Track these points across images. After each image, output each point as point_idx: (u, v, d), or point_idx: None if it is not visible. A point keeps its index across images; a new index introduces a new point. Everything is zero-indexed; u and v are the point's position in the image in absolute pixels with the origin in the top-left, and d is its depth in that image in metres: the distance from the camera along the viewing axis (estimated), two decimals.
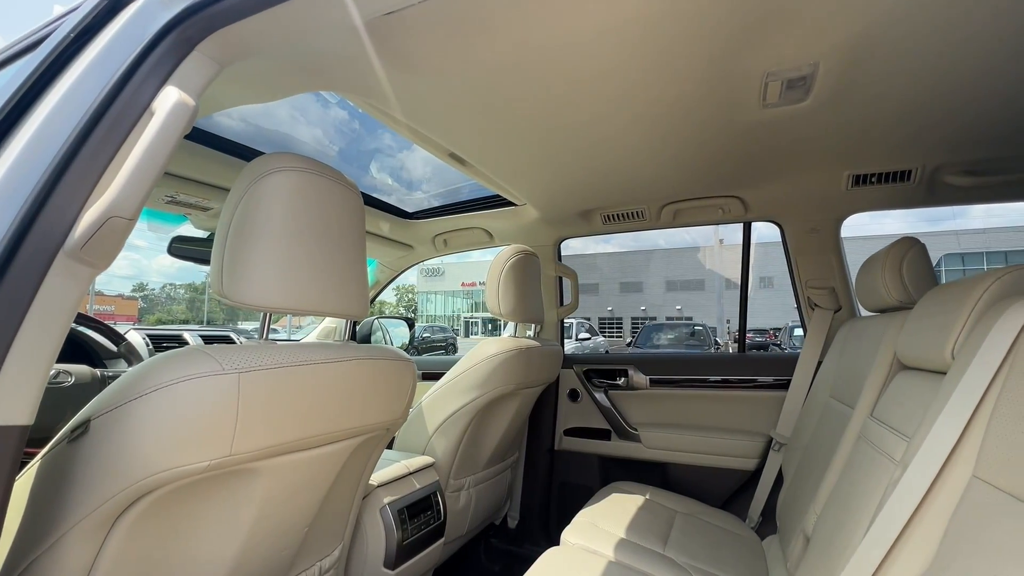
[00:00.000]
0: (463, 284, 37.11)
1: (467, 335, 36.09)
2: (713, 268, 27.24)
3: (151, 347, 1.68)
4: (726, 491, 1.82)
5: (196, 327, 1.98)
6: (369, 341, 3.09)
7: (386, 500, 1.25)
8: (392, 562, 1.21)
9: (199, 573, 0.78)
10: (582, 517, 1.47)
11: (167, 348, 1.73)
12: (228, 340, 1.93)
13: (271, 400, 0.72)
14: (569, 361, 2.11)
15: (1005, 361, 0.65)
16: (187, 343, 1.78)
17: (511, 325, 1.73)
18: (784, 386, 1.74)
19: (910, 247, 1.20)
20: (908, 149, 1.35)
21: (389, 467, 1.35)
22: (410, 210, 2.18)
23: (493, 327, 36.84)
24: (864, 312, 1.52)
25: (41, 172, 0.55)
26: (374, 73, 0.94)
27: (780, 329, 11.64)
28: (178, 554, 0.75)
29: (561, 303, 2.23)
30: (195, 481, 0.69)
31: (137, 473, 0.63)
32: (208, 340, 1.87)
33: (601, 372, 2.06)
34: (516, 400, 1.68)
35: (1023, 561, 0.51)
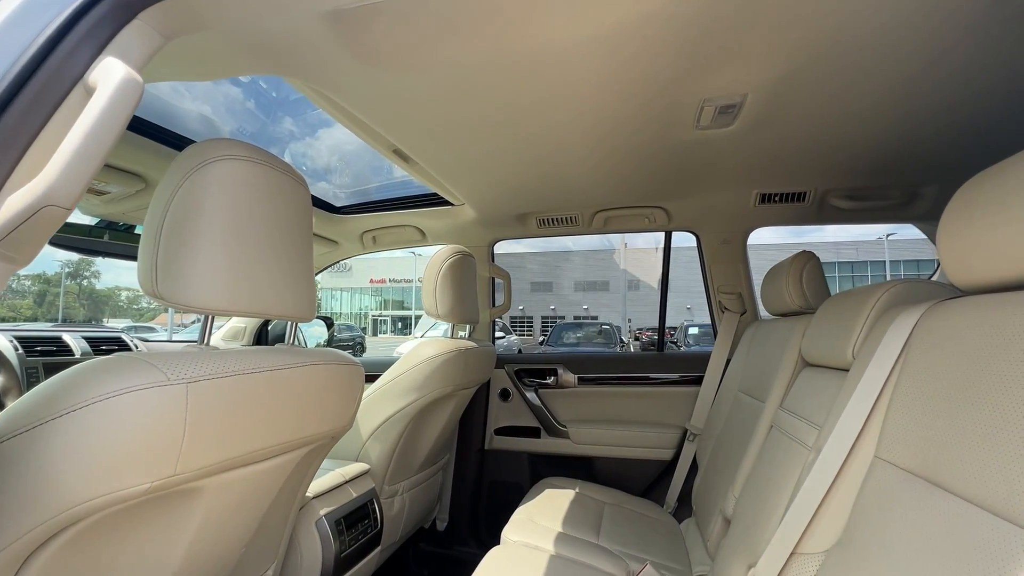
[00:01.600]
0: (372, 280, 35.78)
1: (375, 334, 34.84)
2: (616, 270, 28.95)
3: (21, 351, 1.42)
4: (646, 480, 1.96)
5: (73, 327, 1.70)
6: (283, 342, 2.88)
7: (322, 512, 1.19)
8: (330, 575, 1.15)
9: None
10: (520, 515, 1.50)
11: (43, 353, 1.48)
12: (121, 343, 1.69)
13: (222, 412, 0.66)
14: (501, 361, 2.13)
15: (899, 360, 0.78)
16: (69, 347, 1.54)
17: (428, 320, 1.72)
18: (697, 382, 1.91)
19: (808, 260, 1.38)
20: (805, 174, 1.55)
21: (323, 476, 1.28)
22: (337, 204, 2.07)
23: (403, 326, 35.95)
24: (766, 315, 1.72)
25: None
26: (334, 62, 0.88)
27: (676, 328, 12.64)
28: None
29: (493, 304, 2.25)
30: (129, 506, 0.61)
31: (59, 504, 0.54)
32: (95, 343, 1.62)
33: (532, 371, 2.12)
34: (452, 401, 1.68)
35: (915, 524, 0.62)
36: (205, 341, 0.76)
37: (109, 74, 0.52)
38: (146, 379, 0.58)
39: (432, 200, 1.94)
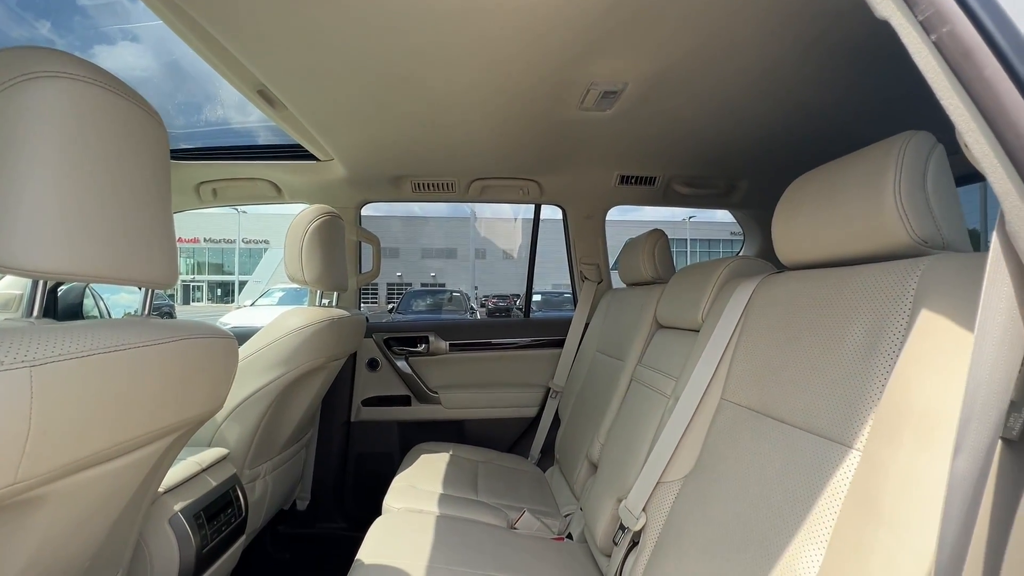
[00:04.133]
0: (181, 240, 30.37)
1: (187, 302, 30.00)
2: (465, 238, 29.39)
3: None
4: (512, 436, 2.11)
5: None
6: (80, 313, 2.32)
7: (176, 507, 1.03)
8: (190, 575, 1.01)
9: None
10: (399, 482, 1.50)
11: None
12: None
13: (79, 401, 0.53)
14: (369, 330, 2.05)
15: (740, 320, 0.97)
16: None
17: (254, 288, 1.58)
18: (559, 344, 2.09)
19: (659, 237, 1.60)
20: (657, 161, 1.77)
21: (175, 466, 1.10)
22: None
23: (224, 292, 31.52)
24: (619, 284, 1.95)
25: None
26: None
27: (518, 295, 13.45)
28: None
29: (360, 270, 2.12)
30: None
31: None
32: None
33: (401, 340, 2.08)
34: (322, 374, 1.57)
35: (753, 449, 0.80)
36: (36, 313, 0.59)
37: None
38: None
39: (292, 152, 1.73)
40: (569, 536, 1.35)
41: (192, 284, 31.39)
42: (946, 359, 0.52)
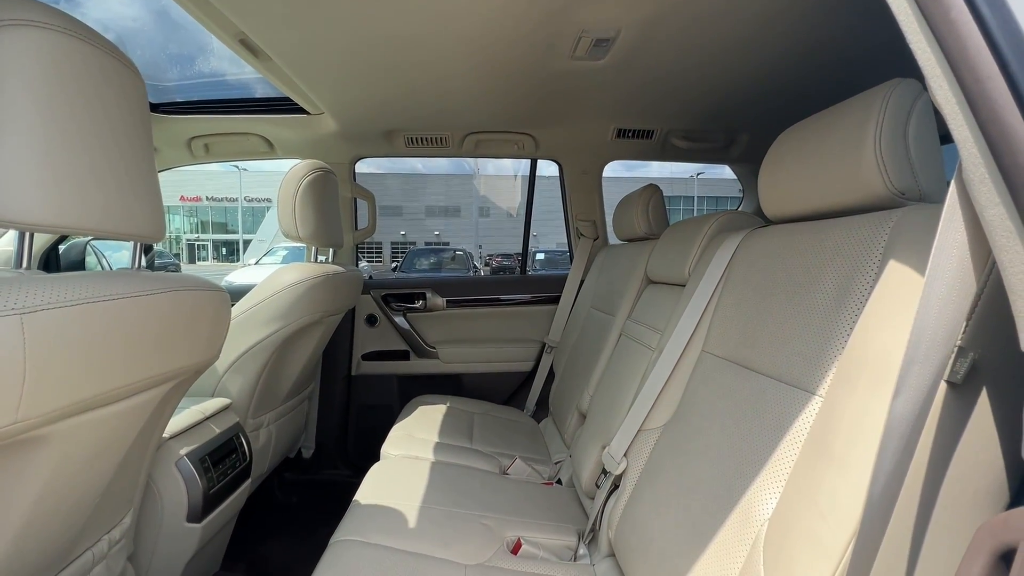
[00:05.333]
0: (183, 198, 30.30)
1: (192, 261, 30.16)
2: (468, 195, 29.06)
3: None
4: (508, 390, 2.17)
5: None
6: (82, 268, 2.36)
7: (182, 451, 1.09)
8: (198, 514, 1.08)
9: None
10: (397, 431, 1.56)
11: None
12: None
13: (71, 347, 0.55)
14: (367, 287, 2.07)
15: (724, 274, 0.98)
16: None
17: (258, 247, 1.60)
18: (555, 300, 2.12)
19: (653, 192, 1.59)
20: (654, 114, 1.73)
21: (179, 415, 1.15)
22: (154, 100, 1.69)
23: (229, 251, 31.60)
24: (615, 241, 1.95)
25: None
26: None
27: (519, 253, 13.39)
28: None
29: (356, 227, 2.13)
30: None
31: None
32: None
33: (399, 296, 2.11)
34: (319, 329, 1.60)
35: (728, 397, 0.82)
36: (25, 264, 0.61)
37: None
38: None
39: (284, 106, 1.70)
40: (559, 482, 1.42)
41: (197, 243, 31.48)
42: (905, 307, 0.53)
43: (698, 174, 28.36)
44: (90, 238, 2.34)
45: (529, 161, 2.17)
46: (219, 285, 0.88)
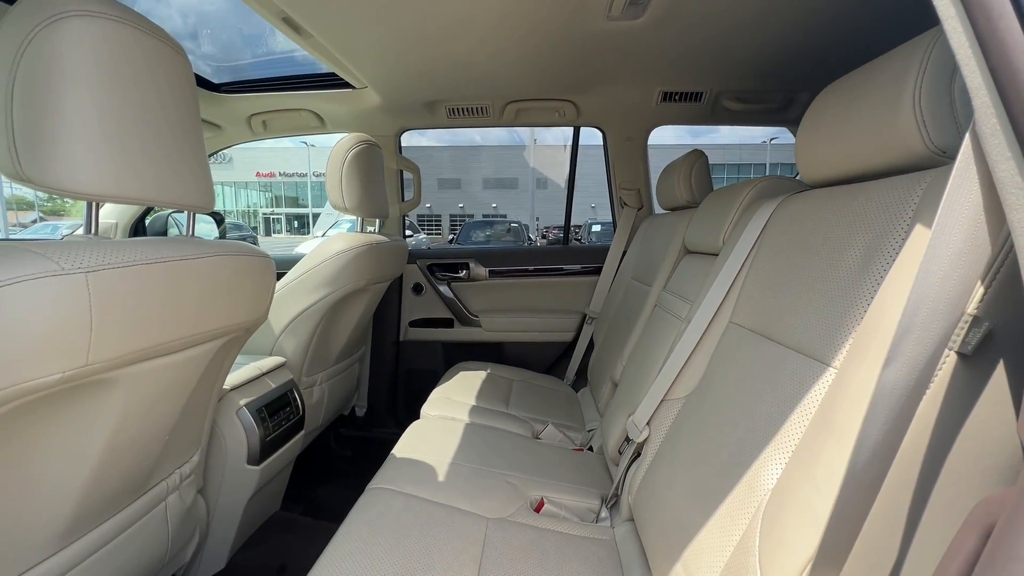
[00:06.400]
0: (259, 174, 32.24)
1: (268, 234, 32.19)
2: (526, 167, 28.79)
3: None
4: (549, 359, 2.20)
5: None
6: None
7: (242, 402, 1.21)
8: (256, 458, 1.21)
9: (48, 496, 0.70)
10: (437, 394, 1.64)
11: None
12: None
13: (130, 301, 0.64)
14: (413, 256, 2.15)
15: (755, 244, 0.94)
16: None
17: (326, 220, 1.68)
18: (597, 272, 2.10)
19: (698, 158, 1.52)
20: (703, 74, 1.63)
21: (239, 370, 1.28)
22: (217, 80, 1.81)
23: (300, 224, 33.47)
24: (659, 210, 1.89)
25: None
26: None
27: (580, 226, 13.20)
28: (21, 479, 0.65)
29: (403, 198, 2.20)
30: (37, 399, 0.59)
31: None
32: None
33: (444, 266, 2.17)
34: (366, 296, 1.70)
35: (748, 368, 0.80)
36: (93, 231, 0.70)
37: None
38: (34, 269, 0.54)
39: (332, 81, 1.77)
40: (590, 449, 1.45)
41: (271, 217, 33.54)
42: None
43: (772, 139, 26.38)
44: (171, 211, 2.58)
45: (575, 130, 2.13)
46: (263, 251, 0.96)
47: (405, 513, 0.95)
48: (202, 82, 1.76)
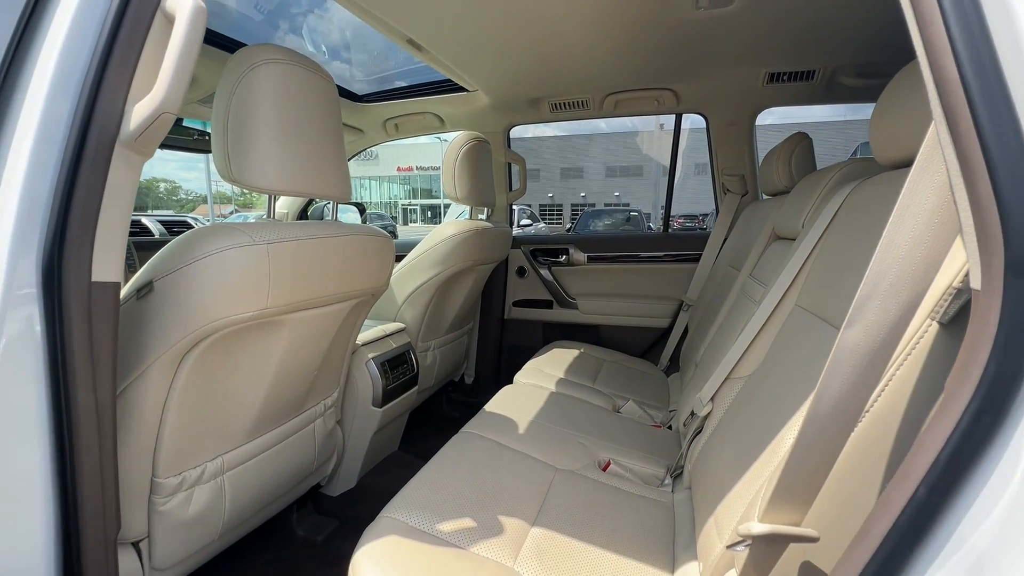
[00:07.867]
0: (399, 168, 35.43)
1: (406, 222, 35.32)
2: (651, 153, 27.59)
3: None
4: (644, 344, 2.25)
5: (141, 214, 2.03)
6: None
7: (370, 356, 1.51)
8: (380, 402, 1.50)
9: (242, 400, 1.01)
10: (530, 365, 1.82)
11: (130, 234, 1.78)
12: (187, 224, 1.99)
13: (293, 265, 0.90)
14: (517, 242, 2.35)
15: (827, 229, 0.94)
16: (148, 229, 1.83)
17: (455, 210, 1.90)
18: (696, 259, 2.09)
19: (800, 141, 1.46)
20: (814, 51, 1.55)
21: (368, 331, 1.58)
22: (360, 92, 2.16)
23: (432, 214, 36.25)
24: (764, 197, 1.83)
25: (81, 74, 0.64)
26: None
27: (707, 215, 12.42)
28: (227, 386, 0.96)
29: (510, 188, 2.40)
30: (239, 329, 0.88)
31: (198, 321, 0.81)
32: (168, 225, 1.92)
33: (545, 251, 2.33)
34: (472, 275, 1.93)
35: (802, 348, 0.83)
36: (272, 216, 0.98)
37: (182, 5, 0.67)
38: (240, 240, 0.81)
39: (449, 86, 2.02)
40: (669, 427, 1.51)
41: (408, 207, 36.76)
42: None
43: None
44: (326, 203, 3.12)
45: (677, 117, 2.12)
46: (383, 232, 1.21)
47: (485, 453, 1.14)
48: (349, 94, 2.13)
